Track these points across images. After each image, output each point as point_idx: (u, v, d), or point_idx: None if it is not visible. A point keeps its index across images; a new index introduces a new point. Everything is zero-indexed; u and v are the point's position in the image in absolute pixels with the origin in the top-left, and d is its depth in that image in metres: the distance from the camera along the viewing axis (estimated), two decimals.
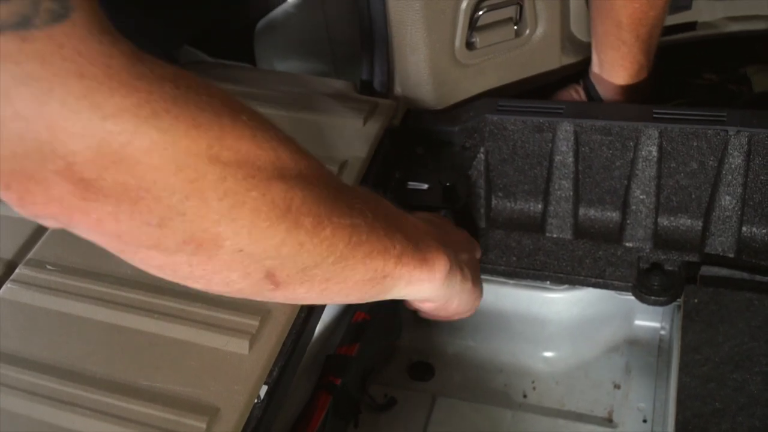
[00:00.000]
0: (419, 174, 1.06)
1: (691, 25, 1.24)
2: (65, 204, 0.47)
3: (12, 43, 0.41)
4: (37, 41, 0.42)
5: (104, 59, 0.45)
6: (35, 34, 0.42)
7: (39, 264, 0.90)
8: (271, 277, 0.59)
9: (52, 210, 0.48)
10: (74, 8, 0.43)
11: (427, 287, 0.75)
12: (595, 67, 1.15)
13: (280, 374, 0.79)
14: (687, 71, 1.31)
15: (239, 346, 0.79)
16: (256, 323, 0.80)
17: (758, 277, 0.96)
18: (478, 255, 0.94)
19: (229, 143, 0.51)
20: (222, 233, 0.53)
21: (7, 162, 0.45)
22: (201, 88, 0.50)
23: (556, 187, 1.07)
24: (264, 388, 0.77)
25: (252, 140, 0.53)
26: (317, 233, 0.59)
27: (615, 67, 1.10)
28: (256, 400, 0.76)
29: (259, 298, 0.63)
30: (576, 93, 1.19)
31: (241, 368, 0.77)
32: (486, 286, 1.16)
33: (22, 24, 0.41)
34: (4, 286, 0.89)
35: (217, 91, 0.52)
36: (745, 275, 0.96)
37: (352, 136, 1.03)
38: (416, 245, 0.72)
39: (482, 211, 1.11)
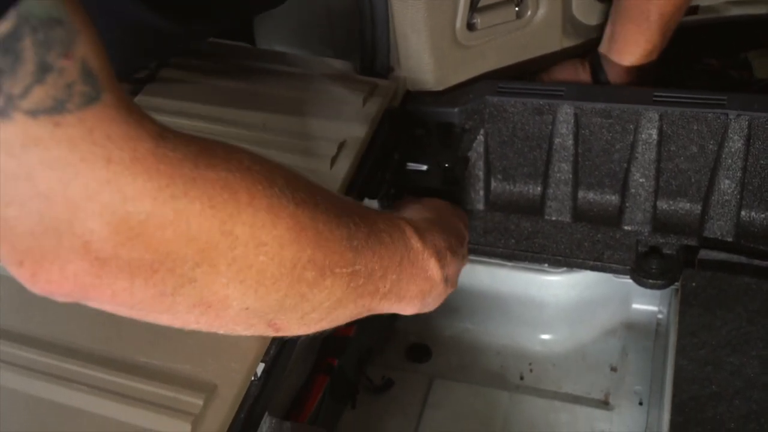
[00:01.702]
0: (418, 155, 1.06)
1: (692, 9, 1.24)
2: (80, 282, 0.48)
3: (45, 128, 0.41)
4: (69, 126, 0.42)
5: (132, 143, 0.45)
6: (68, 118, 0.42)
7: None
8: (273, 325, 0.61)
9: (67, 288, 0.48)
10: (104, 90, 0.44)
11: (408, 311, 0.78)
12: (605, 45, 1.14)
13: (278, 353, 0.79)
14: (688, 55, 1.31)
15: None
16: None
17: (756, 262, 0.96)
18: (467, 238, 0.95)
19: (243, 219, 0.52)
20: (230, 295, 0.54)
21: (24, 240, 0.45)
22: (221, 166, 0.51)
23: (556, 169, 1.07)
24: (261, 366, 0.77)
25: (268, 211, 0.54)
26: (318, 284, 0.60)
27: (629, 44, 1.10)
28: (253, 378, 0.76)
29: None
30: (582, 66, 1.18)
31: (239, 346, 0.77)
32: (484, 269, 1.17)
33: (57, 108, 0.41)
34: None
35: (237, 165, 0.53)
36: (744, 259, 0.96)
37: (352, 117, 1.03)
38: (408, 279, 0.74)
39: (481, 193, 1.11)
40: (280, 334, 0.63)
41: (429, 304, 0.80)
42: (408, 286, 0.74)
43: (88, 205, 0.44)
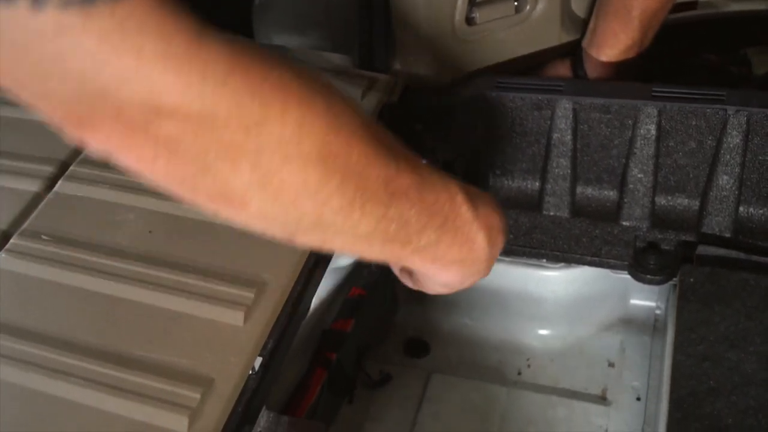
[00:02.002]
0: (417, 150, 1.06)
1: (691, 5, 1.24)
2: (111, 143, 0.50)
3: (76, 19, 0.42)
4: (99, 18, 0.43)
5: (165, 37, 0.46)
6: (99, 8, 0.43)
7: (34, 234, 0.90)
8: (292, 238, 0.61)
9: (99, 146, 0.51)
10: None
11: (444, 277, 0.76)
12: (587, 39, 1.14)
13: (275, 346, 0.79)
14: (687, 51, 1.30)
15: (234, 317, 0.79)
16: (251, 295, 0.80)
17: (754, 257, 0.96)
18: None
19: (270, 129, 0.52)
20: (250, 197, 0.55)
21: (63, 106, 0.48)
22: (257, 74, 0.52)
23: (554, 165, 1.07)
24: (259, 360, 0.77)
25: (298, 128, 0.54)
26: (343, 214, 0.60)
27: (608, 39, 1.10)
28: (250, 372, 0.76)
29: None
30: (563, 67, 1.19)
31: (236, 340, 0.77)
32: None
33: (87, 0, 0.42)
34: None
35: (276, 76, 0.53)
36: (742, 255, 0.96)
37: None
38: (450, 243, 0.71)
39: (479, 188, 1.11)
40: (295, 241, 0.63)
41: (466, 280, 0.78)
42: (448, 249, 0.72)
43: (120, 90, 0.46)
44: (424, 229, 0.68)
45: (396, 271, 0.85)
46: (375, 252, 0.68)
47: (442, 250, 0.71)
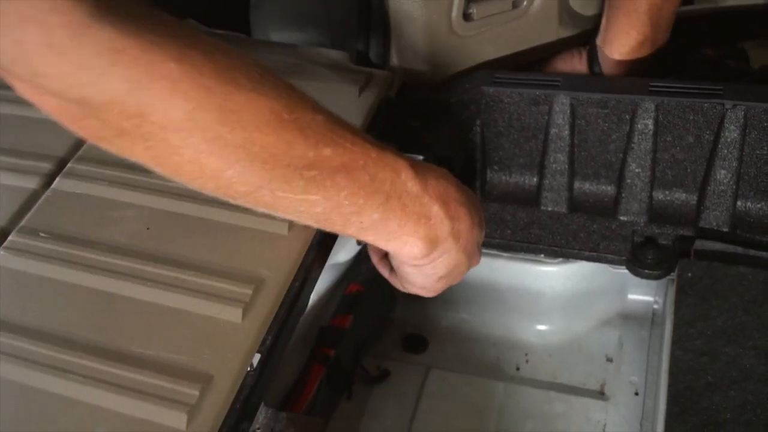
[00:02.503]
0: (414, 146, 1.06)
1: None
2: (31, 94, 0.56)
3: None
4: None
5: (45, 30, 0.49)
6: None
7: (32, 231, 0.90)
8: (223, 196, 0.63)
9: (23, 91, 0.57)
10: None
11: (409, 252, 0.75)
12: (600, 36, 1.14)
13: (274, 343, 0.79)
14: (685, 45, 1.30)
15: (232, 314, 0.79)
16: (249, 292, 0.80)
17: (752, 252, 0.96)
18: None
19: (149, 118, 0.55)
20: (152, 167, 0.60)
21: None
22: (149, 55, 0.53)
23: (552, 160, 1.07)
24: (257, 357, 0.77)
25: (187, 117, 0.55)
26: (252, 199, 0.63)
27: (619, 35, 1.10)
28: (249, 369, 0.76)
29: None
30: (579, 57, 1.18)
31: (235, 337, 0.77)
32: (480, 259, 1.17)
33: None
34: None
35: (174, 52, 0.55)
36: (739, 250, 0.96)
37: (347, 107, 1.03)
38: (401, 220, 0.71)
39: (477, 184, 1.11)
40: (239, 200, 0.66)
41: (436, 258, 0.76)
42: (401, 226, 0.72)
43: (10, 66, 0.50)
44: (363, 209, 0.68)
45: (376, 263, 0.86)
46: (319, 227, 0.70)
47: (394, 228, 0.71)
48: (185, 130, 0.56)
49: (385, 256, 0.85)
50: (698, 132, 1.00)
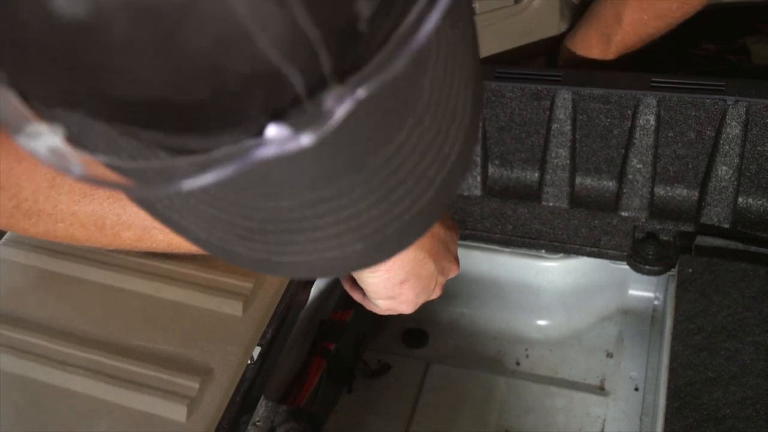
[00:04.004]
0: None
1: None
2: None
3: None
4: None
5: None
6: None
7: None
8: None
9: None
10: None
11: None
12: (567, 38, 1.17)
13: (274, 336, 0.79)
14: (686, 40, 1.30)
15: (233, 307, 0.79)
16: (250, 285, 0.80)
17: (753, 248, 0.96)
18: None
19: None
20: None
21: None
22: None
23: (553, 155, 1.07)
24: (257, 350, 0.77)
25: None
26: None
27: (583, 48, 1.14)
28: (249, 362, 0.76)
29: None
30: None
31: (235, 330, 0.77)
32: (481, 254, 1.17)
33: None
34: None
35: None
36: (740, 246, 0.96)
37: None
38: None
39: (479, 179, 1.11)
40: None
41: (401, 273, 0.73)
42: None
43: None
44: None
45: (348, 289, 0.82)
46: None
47: None
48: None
49: (355, 281, 0.80)
50: (700, 128, 1.00)
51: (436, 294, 0.78)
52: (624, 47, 1.11)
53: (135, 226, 0.61)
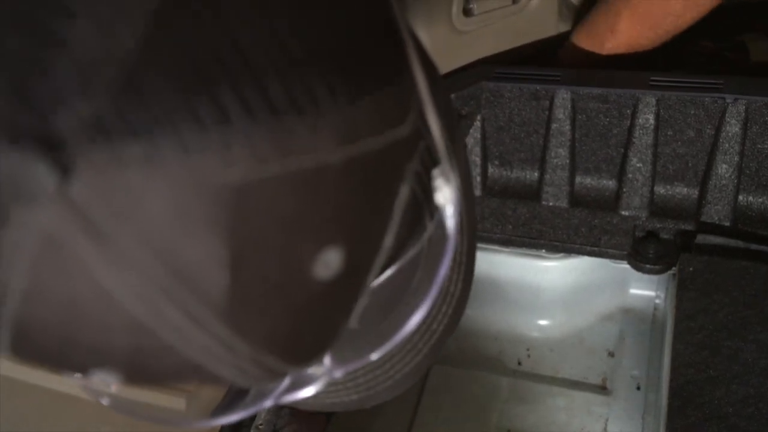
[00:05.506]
0: None
1: None
2: None
3: None
4: None
5: None
6: None
7: None
8: None
9: None
10: None
11: None
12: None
13: None
14: (684, 37, 1.30)
15: None
16: None
17: (754, 246, 0.96)
18: None
19: None
20: None
21: None
22: None
23: (553, 155, 1.07)
24: None
25: None
26: None
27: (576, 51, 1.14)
28: None
29: None
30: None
31: None
32: (481, 254, 1.16)
33: None
34: None
35: None
36: (741, 244, 0.96)
37: None
38: None
39: (478, 179, 1.11)
40: None
41: None
42: None
43: None
44: None
45: None
46: None
47: None
48: None
49: None
50: (699, 126, 1.00)
51: None
52: (616, 52, 1.12)
53: None
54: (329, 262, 0.30)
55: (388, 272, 0.36)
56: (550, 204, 1.08)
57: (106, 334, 0.29)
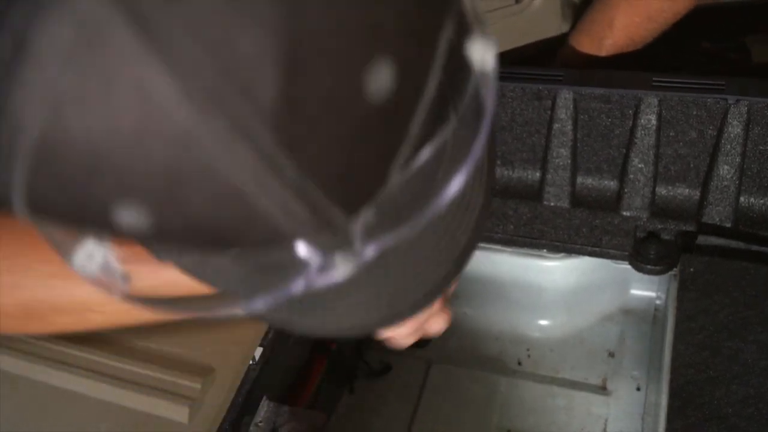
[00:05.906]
0: None
1: None
2: None
3: None
4: None
5: None
6: None
7: None
8: None
9: None
10: None
11: None
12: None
13: (275, 336, 0.79)
14: (686, 39, 1.30)
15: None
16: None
17: (754, 247, 0.96)
18: None
19: None
20: None
21: None
22: None
23: (555, 155, 1.07)
24: (259, 350, 0.77)
25: None
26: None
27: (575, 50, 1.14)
28: (251, 362, 0.76)
29: None
30: None
31: (237, 330, 0.77)
32: (482, 254, 1.17)
33: None
34: None
35: None
36: (742, 245, 0.96)
37: None
38: None
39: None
40: None
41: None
42: None
43: None
44: None
45: None
46: None
47: None
48: None
49: None
50: (701, 127, 1.00)
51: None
52: (615, 49, 1.12)
53: (70, 311, 0.54)
54: (380, 75, 0.29)
55: (422, 154, 0.35)
56: (552, 204, 1.08)
57: (142, 147, 0.26)
